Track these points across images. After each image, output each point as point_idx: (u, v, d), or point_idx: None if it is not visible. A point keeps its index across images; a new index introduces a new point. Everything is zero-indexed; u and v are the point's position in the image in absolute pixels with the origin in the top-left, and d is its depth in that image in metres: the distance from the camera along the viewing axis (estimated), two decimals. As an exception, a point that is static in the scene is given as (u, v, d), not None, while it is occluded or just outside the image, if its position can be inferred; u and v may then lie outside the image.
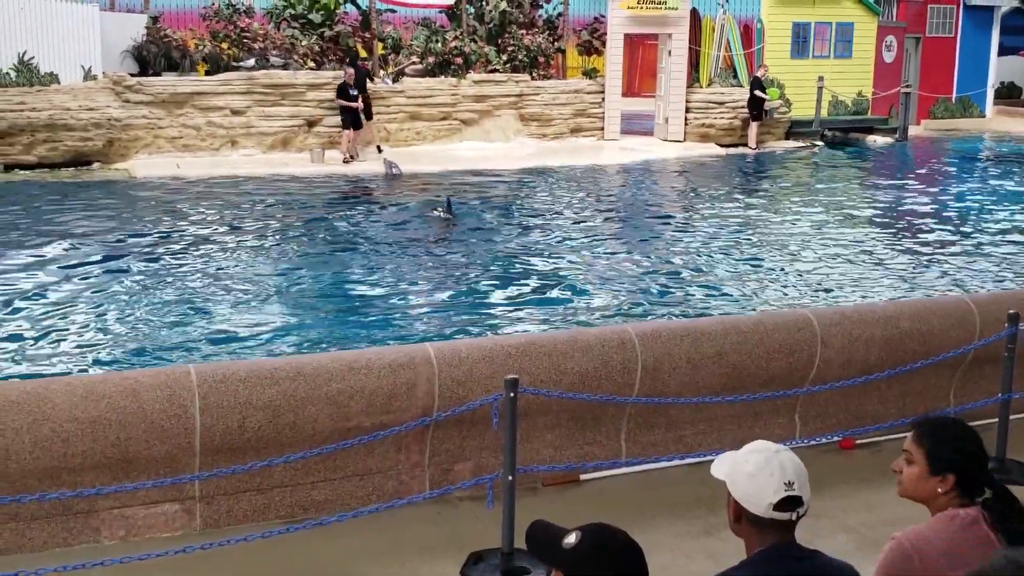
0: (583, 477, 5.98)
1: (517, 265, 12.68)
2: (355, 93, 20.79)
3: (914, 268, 12.87)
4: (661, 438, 6.22)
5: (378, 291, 11.49)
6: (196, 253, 12.93)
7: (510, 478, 4.96)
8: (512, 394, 4.92)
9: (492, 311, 10.66)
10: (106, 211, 15.76)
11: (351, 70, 21.25)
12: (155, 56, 21.26)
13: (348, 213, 16.30)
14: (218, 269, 12.15)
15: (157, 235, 14.03)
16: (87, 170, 19.36)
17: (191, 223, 14.90)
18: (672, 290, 11.56)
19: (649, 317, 10.12)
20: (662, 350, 6.02)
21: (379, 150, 21.79)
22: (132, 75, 20.49)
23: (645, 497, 5.80)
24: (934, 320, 6.81)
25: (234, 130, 20.94)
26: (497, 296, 11.23)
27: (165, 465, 5.10)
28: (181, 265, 12.31)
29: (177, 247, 13.27)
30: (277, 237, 14.20)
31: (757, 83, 24.58)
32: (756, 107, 24.44)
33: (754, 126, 24.47)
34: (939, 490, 3.03)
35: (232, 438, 5.15)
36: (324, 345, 9.25)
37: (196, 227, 14.61)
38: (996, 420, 6.26)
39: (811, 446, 6.33)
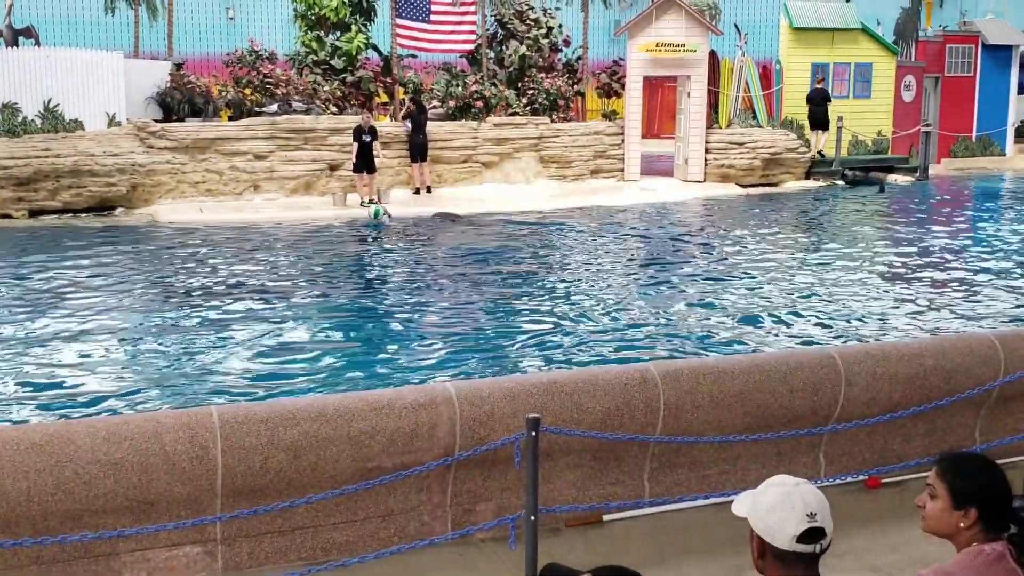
0: (606, 518, 5.93)
1: (538, 304, 12.67)
2: (368, 139, 20.90)
3: (937, 305, 12.79)
4: (684, 478, 6.17)
5: (398, 331, 11.50)
6: (218, 295, 13.00)
7: (532, 518, 4.93)
8: (534, 433, 4.90)
9: (513, 350, 10.65)
10: (129, 255, 15.88)
11: (368, 115, 21.55)
12: (179, 102, 21.52)
13: (367, 255, 16.36)
14: (240, 311, 12.20)
15: (180, 278, 14.13)
16: (111, 215, 19.55)
17: (214, 266, 15.00)
18: (694, 328, 11.53)
19: (670, 355, 10.08)
20: (685, 389, 5.99)
21: (428, 191, 22.07)
22: (156, 121, 20.75)
23: (669, 538, 5.75)
24: (958, 357, 6.75)
25: (257, 175, 21.12)
26: (518, 335, 11.22)
27: (187, 507, 5.10)
28: (203, 307, 12.36)
29: (199, 290, 13.35)
30: (298, 279, 14.25)
31: (826, 94, 25.58)
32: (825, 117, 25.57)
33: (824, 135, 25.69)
34: (961, 524, 3.00)
35: (254, 479, 5.15)
36: (345, 385, 9.25)
37: (218, 270, 14.71)
38: (1023, 458, 6.19)
39: (836, 485, 6.27)
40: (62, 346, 10.68)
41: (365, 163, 20.93)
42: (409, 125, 22.33)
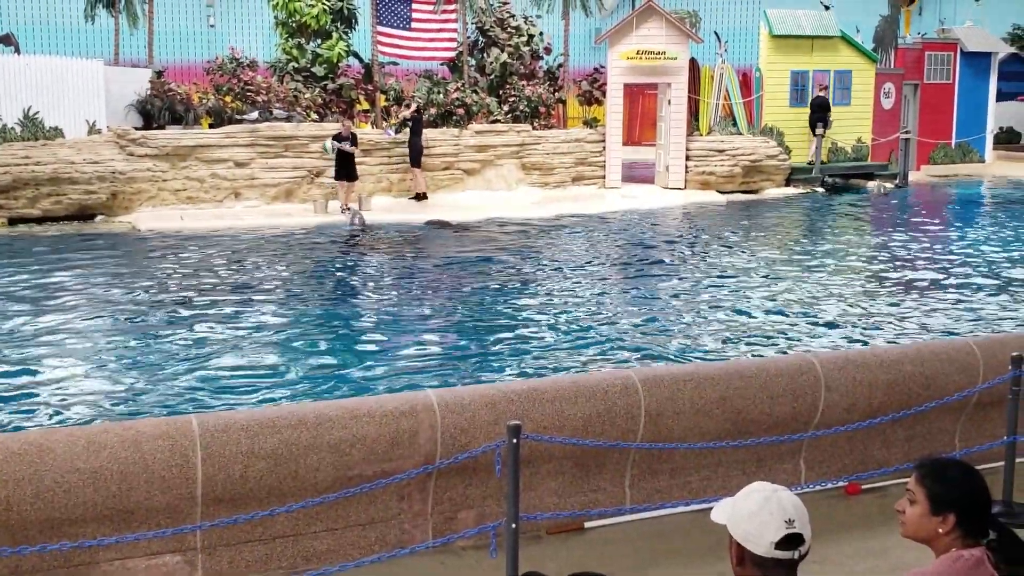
0: (587, 525, 5.93)
1: (519, 311, 12.67)
2: (350, 147, 20.88)
3: (916, 312, 12.85)
4: (666, 484, 6.18)
5: (379, 338, 11.48)
6: (198, 304, 12.94)
7: (513, 526, 4.93)
8: (515, 440, 4.90)
9: (494, 357, 10.64)
10: (110, 263, 15.80)
11: (348, 123, 21.50)
12: (159, 110, 21.42)
13: (348, 263, 16.33)
14: (220, 319, 12.15)
15: (159, 287, 14.06)
16: (91, 223, 19.42)
17: (194, 275, 14.93)
18: (675, 335, 11.55)
19: (651, 361, 10.09)
20: (666, 395, 6.00)
21: (424, 197, 22.06)
22: (136, 129, 20.64)
23: (650, 545, 5.75)
24: (937, 364, 6.79)
25: (237, 182, 21.05)
26: (499, 342, 11.22)
27: (166, 515, 5.08)
28: (183, 316, 12.31)
29: (179, 298, 13.29)
30: (278, 287, 14.21)
31: (823, 101, 25.87)
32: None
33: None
34: (940, 530, 3.01)
35: (234, 487, 5.13)
36: (325, 393, 9.22)
37: (198, 278, 14.64)
38: (1002, 463, 6.22)
39: (817, 491, 6.29)
40: (40, 354, 10.61)
41: (346, 171, 20.91)
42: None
